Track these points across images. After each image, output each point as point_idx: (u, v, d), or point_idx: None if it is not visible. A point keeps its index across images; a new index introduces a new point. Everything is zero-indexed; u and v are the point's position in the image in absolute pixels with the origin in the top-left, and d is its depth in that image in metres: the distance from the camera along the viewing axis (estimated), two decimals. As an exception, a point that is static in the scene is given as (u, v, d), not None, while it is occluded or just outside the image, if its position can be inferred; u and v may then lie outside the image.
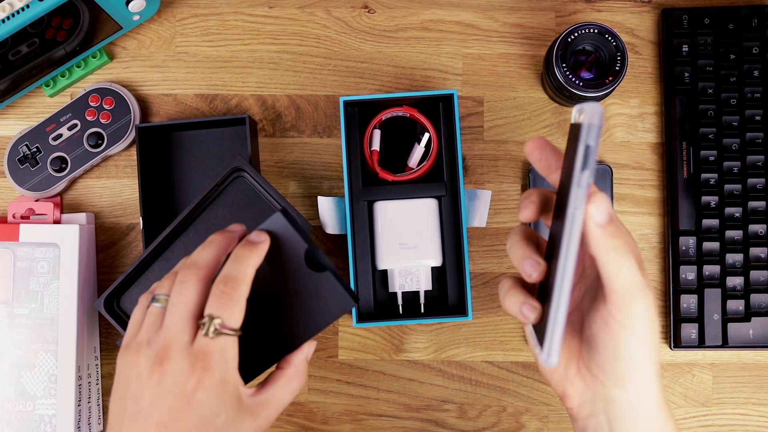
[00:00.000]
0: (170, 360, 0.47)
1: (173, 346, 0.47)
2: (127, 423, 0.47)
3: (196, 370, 0.46)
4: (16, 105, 0.74)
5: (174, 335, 0.47)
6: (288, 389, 0.51)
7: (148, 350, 0.48)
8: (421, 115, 0.70)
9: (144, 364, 0.47)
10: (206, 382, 0.46)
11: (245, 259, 0.49)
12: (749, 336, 0.70)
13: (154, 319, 0.49)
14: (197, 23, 0.74)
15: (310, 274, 0.52)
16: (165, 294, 0.50)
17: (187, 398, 0.46)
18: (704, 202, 0.70)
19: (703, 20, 0.71)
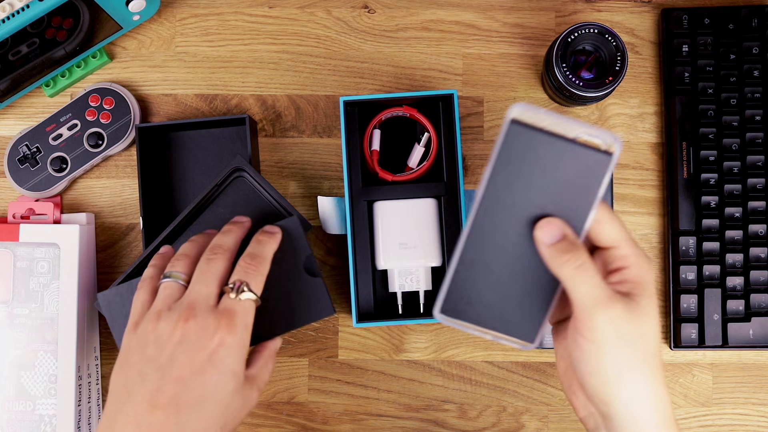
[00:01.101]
0: (195, 318, 0.49)
1: (199, 306, 0.50)
2: (138, 385, 0.47)
3: (221, 327, 0.49)
4: (16, 105, 0.74)
5: (200, 297, 0.50)
6: (268, 366, 0.55)
7: (170, 314, 0.50)
8: (421, 115, 0.70)
9: (164, 327, 0.49)
10: (228, 340, 0.49)
11: (266, 243, 0.56)
12: (749, 336, 0.70)
13: (171, 292, 0.52)
14: (197, 23, 0.74)
15: (304, 276, 0.60)
16: (180, 271, 0.54)
17: (210, 353, 0.48)
18: (704, 202, 0.70)
19: (703, 20, 0.71)
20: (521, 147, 0.43)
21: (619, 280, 0.47)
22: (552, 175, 0.45)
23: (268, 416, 0.72)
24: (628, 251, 0.47)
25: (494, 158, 0.44)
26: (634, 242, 0.47)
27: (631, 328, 0.45)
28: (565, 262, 0.45)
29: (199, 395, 0.47)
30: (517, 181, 0.45)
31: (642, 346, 0.45)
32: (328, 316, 0.61)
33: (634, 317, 0.45)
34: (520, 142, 0.43)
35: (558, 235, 0.45)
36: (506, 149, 0.43)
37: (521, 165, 0.44)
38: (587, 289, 0.45)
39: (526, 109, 0.43)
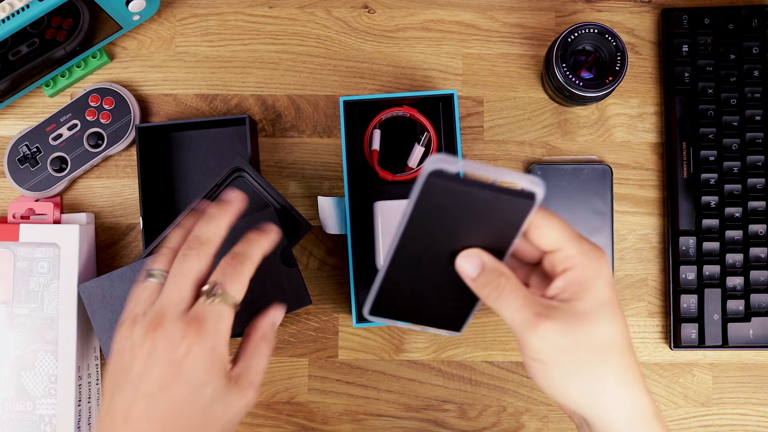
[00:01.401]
0: (163, 327, 0.46)
1: (168, 314, 0.47)
2: (117, 393, 0.46)
3: (188, 336, 0.46)
4: (16, 105, 0.74)
5: (170, 303, 0.47)
6: (259, 354, 0.50)
7: (143, 320, 0.47)
8: (421, 115, 0.70)
9: (137, 335, 0.47)
10: (195, 350, 0.46)
11: (256, 243, 0.51)
12: (749, 336, 0.70)
13: (150, 293, 0.49)
14: (197, 23, 0.74)
15: (281, 267, 0.61)
16: (161, 269, 0.50)
17: (177, 365, 0.46)
18: (704, 202, 0.70)
19: (703, 20, 0.71)
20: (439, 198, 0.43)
21: (562, 285, 0.46)
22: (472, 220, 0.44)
23: (268, 416, 0.72)
24: (571, 251, 0.45)
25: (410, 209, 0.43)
26: (579, 239, 0.46)
27: (567, 337, 0.44)
28: (487, 294, 0.45)
29: (171, 410, 0.45)
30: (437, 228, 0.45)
31: (584, 352, 0.45)
32: (305, 306, 0.62)
33: (571, 325, 0.44)
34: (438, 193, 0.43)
35: (478, 266, 0.45)
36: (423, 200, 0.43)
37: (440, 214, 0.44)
38: (512, 314, 0.45)
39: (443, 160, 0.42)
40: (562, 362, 0.45)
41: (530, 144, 0.73)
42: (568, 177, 0.71)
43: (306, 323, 0.72)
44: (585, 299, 0.45)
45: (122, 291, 0.67)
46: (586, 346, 0.44)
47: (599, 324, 0.45)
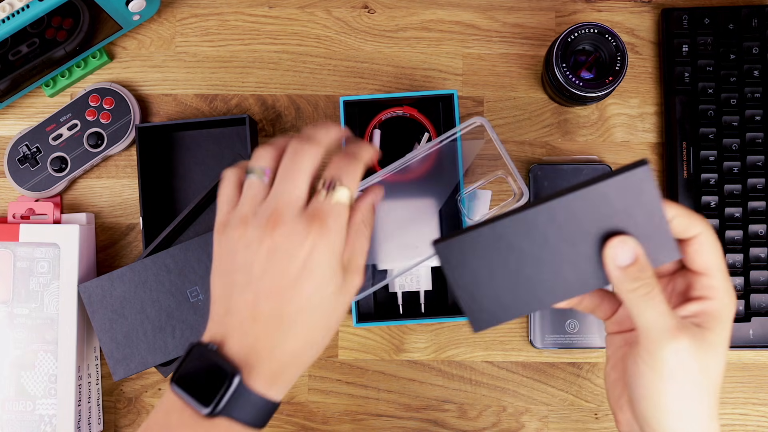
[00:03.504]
0: (284, 224, 0.45)
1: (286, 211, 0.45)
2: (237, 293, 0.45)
3: (312, 232, 0.44)
4: (16, 105, 0.74)
5: (287, 200, 0.45)
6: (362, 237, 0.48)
7: (255, 220, 0.45)
8: (421, 115, 0.70)
9: (251, 233, 0.45)
10: (320, 247, 0.44)
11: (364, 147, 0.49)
12: (749, 336, 0.70)
13: (256, 192, 0.47)
14: (197, 23, 0.74)
15: None
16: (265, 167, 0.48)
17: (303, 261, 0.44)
18: (704, 202, 0.70)
19: (703, 20, 0.71)
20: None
21: (697, 310, 0.45)
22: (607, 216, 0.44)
23: (268, 416, 0.72)
24: (718, 283, 0.45)
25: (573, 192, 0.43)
26: (727, 275, 0.46)
27: (696, 361, 0.44)
28: (634, 289, 0.44)
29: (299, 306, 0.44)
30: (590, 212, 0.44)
31: (703, 381, 0.44)
32: None
33: (701, 351, 0.44)
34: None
35: (630, 258, 0.44)
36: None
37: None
38: (654, 317, 0.44)
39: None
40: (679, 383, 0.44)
41: (530, 144, 0.73)
42: (568, 177, 0.71)
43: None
44: (716, 332, 0.45)
45: (122, 291, 0.67)
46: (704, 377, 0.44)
47: (718, 360, 0.45)
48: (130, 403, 0.72)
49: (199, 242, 0.67)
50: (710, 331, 0.45)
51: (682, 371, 0.44)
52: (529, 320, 0.72)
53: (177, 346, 0.67)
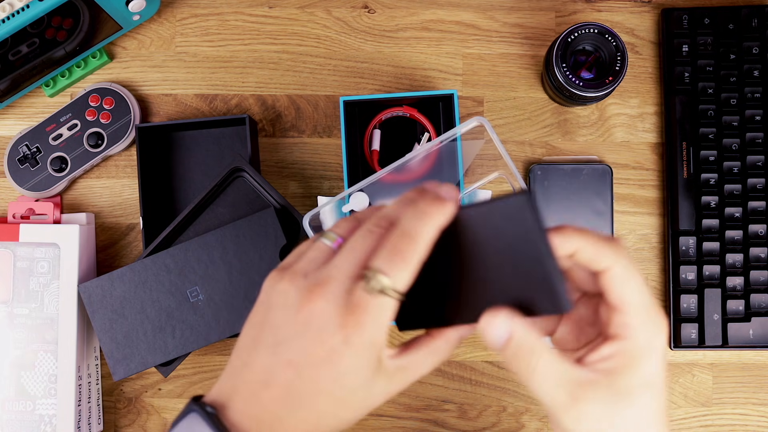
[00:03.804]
0: (325, 300, 0.42)
1: (331, 287, 0.42)
2: (261, 349, 0.43)
3: (348, 324, 0.41)
4: (16, 105, 0.74)
5: (337, 276, 0.42)
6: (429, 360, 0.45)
7: (303, 281, 0.43)
8: (421, 115, 0.70)
9: (293, 295, 0.43)
10: (354, 341, 0.41)
11: (428, 217, 0.42)
12: (749, 336, 0.70)
13: (317, 255, 0.44)
14: (197, 23, 0.74)
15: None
16: (340, 234, 0.45)
17: (330, 350, 0.42)
18: (704, 202, 0.70)
19: (703, 20, 0.71)
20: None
21: (610, 352, 0.42)
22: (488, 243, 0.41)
23: (268, 416, 0.72)
24: (632, 321, 0.41)
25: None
26: (647, 309, 0.42)
27: (603, 422, 0.41)
28: (516, 371, 0.42)
29: (313, 389, 0.42)
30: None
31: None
32: None
33: (608, 407, 0.41)
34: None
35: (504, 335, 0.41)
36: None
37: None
38: (545, 394, 0.41)
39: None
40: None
41: (530, 144, 0.73)
42: (568, 177, 0.71)
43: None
44: (629, 376, 0.41)
45: (122, 291, 0.67)
46: (624, 429, 0.41)
47: (639, 404, 0.41)
48: (130, 403, 0.72)
49: (199, 242, 0.67)
50: (622, 377, 0.41)
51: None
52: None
53: (177, 346, 0.67)
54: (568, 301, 0.39)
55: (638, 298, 0.42)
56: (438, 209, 0.42)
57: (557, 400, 0.41)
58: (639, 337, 0.41)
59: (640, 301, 0.42)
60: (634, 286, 0.42)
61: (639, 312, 0.41)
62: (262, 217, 0.66)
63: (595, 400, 0.41)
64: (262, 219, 0.66)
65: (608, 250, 0.41)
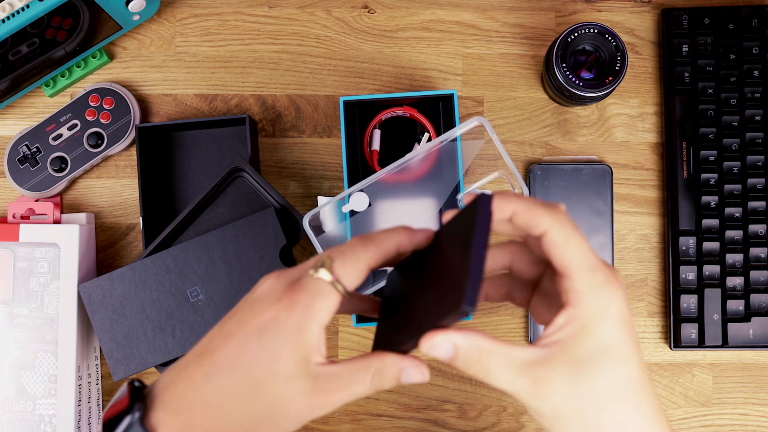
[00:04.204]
0: (274, 278, 0.43)
1: (288, 271, 0.44)
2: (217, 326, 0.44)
3: (282, 299, 0.42)
4: (16, 105, 0.74)
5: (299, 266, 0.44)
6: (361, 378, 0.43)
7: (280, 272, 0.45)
8: (421, 115, 0.70)
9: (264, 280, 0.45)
10: (282, 317, 0.42)
11: (394, 233, 0.44)
12: (749, 336, 0.70)
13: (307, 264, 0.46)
14: (197, 23, 0.74)
15: (280, 266, 0.63)
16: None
17: (261, 324, 0.42)
18: (704, 202, 0.70)
19: (703, 20, 0.71)
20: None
21: (563, 321, 0.40)
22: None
23: (268, 416, 0.72)
24: (578, 285, 0.40)
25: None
26: (594, 269, 0.40)
27: (570, 397, 0.40)
28: (474, 374, 0.41)
29: (234, 358, 0.42)
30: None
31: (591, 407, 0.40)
32: None
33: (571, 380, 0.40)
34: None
35: (449, 353, 0.40)
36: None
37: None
38: (507, 387, 0.41)
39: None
40: (571, 420, 0.40)
41: (530, 144, 0.73)
42: (568, 177, 0.71)
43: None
44: (584, 343, 0.40)
45: (122, 291, 0.67)
46: (591, 400, 0.40)
47: (601, 371, 0.40)
48: (130, 403, 0.72)
49: (199, 242, 0.67)
50: (575, 346, 0.40)
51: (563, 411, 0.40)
52: (530, 320, 0.72)
53: (177, 346, 0.67)
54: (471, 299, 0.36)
55: (580, 260, 0.40)
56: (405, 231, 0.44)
57: (521, 388, 0.40)
58: (587, 302, 0.40)
59: (583, 263, 0.40)
60: (574, 247, 0.40)
61: (584, 275, 0.40)
62: (262, 217, 0.66)
63: (555, 376, 0.40)
64: (262, 219, 0.66)
65: (544, 213, 0.40)
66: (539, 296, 0.46)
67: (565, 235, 0.40)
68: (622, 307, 0.41)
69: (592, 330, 0.40)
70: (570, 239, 0.40)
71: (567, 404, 0.40)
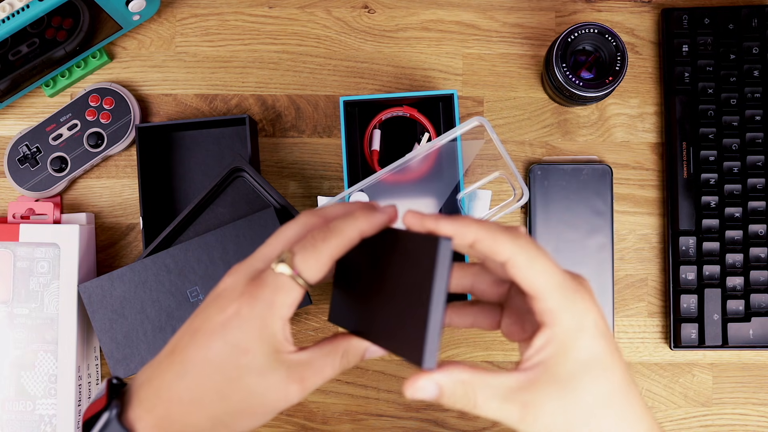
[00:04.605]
0: (235, 273, 0.44)
1: (247, 263, 0.44)
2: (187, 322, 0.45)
3: (244, 295, 0.42)
4: (16, 105, 0.74)
5: (256, 256, 0.44)
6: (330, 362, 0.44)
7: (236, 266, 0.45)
8: (421, 115, 0.70)
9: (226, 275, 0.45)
10: (244, 312, 0.42)
11: (353, 219, 0.43)
12: (749, 336, 0.70)
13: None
14: (197, 23, 0.74)
15: None
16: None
17: (224, 319, 0.42)
18: (704, 202, 0.70)
19: (703, 20, 0.71)
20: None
21: (540, 344, 0.41)
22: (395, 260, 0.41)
23: (268, 416, 0.72)
24: (550, 304, 0.40)
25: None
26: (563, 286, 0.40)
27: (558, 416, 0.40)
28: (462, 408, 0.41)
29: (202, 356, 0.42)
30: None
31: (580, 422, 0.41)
32: (305, 306, 0.61)
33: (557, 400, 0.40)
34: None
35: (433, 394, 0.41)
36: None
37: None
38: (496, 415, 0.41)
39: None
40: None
41: (530, 144, 0.73)
42: (568, 177, 0.71)
43: (306, 323, 0.72)
44: (565, 362, 0.40)
45: (122, 291, 0.67)
46: (579, 415, 0.40)
47: (585, 386, 0.40)
48: (130, 403, 0.72)
49: (199, 242, 0.67)
50: (557, 365, 0.40)
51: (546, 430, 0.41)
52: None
53: (177, 346, 0.67)
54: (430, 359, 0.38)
55: (548, 281, 0.40)
56: (366, 216, 0.43)
57: (510, 415, 0.41)
58: (563, 320, 0.40)
59: (552, 283, 0.40)
60: (540, 269, 0.40)
61: (554, 294, 0.40)
62: (262, 217, 0.66)
63: (543, 399, 0.40)
64: (262, 219, 0.66)
65: (505, 239, 0.40)
66: (509, 316, 0.46)
67: (528, 259, 0.40)
68: (596, 319, 0.41)
69: (571, 347, 0.40)
70: (534, 262, 0.40)
71: (555, 424, 0.40)
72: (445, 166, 0.70)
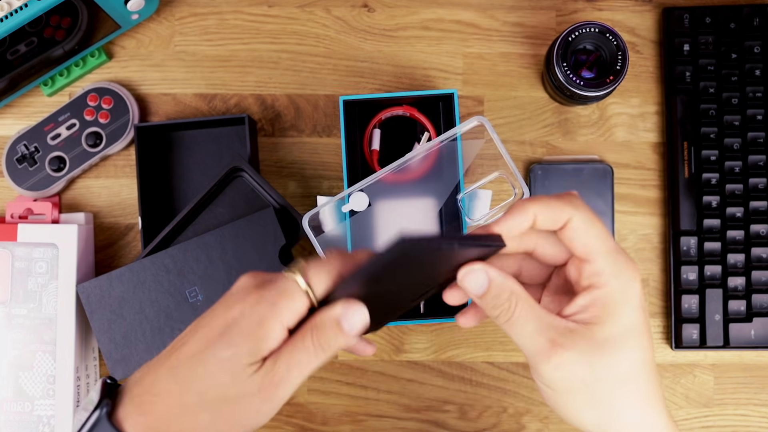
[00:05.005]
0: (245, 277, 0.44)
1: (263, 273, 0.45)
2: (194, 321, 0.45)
3: (250, 298, 0.42)
4: (15, 104, 0.74)
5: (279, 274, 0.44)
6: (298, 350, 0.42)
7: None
8: (421, 114, 0.70)
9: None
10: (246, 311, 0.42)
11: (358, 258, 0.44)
12: (751, 336, 0.69)
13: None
14: (196, 22, 0.74)
15: (280, 267, 0.62)
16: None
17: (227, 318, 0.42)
18: (705, 202, 0.70)
19: (705, 19, 0.71)
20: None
21: (585, 303, 0.42)
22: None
23: (267, 417, 0.72)
24: (601, 268, 0.41)
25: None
26: (615, 254, 0.42)
27: (585, 369, 0.41)
28: (497, 316, 0.42)
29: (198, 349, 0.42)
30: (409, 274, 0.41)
31: (604, 384, 0.41)
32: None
33: (589, 355, 0.41)
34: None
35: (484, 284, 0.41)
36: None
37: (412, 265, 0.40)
38: (523, 341, 0.42)
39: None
40: (579, 394, 0.42)
41: (531, 144, 0.73)
42: (568, 177, 0.71)
43: (305, 324, 0.72)
44: (608, 325, 0.41)
45: (121, 291, 0.67)
46: (606, 378, 0.41)
47: (621, 353, 0.41)
48: (128, 403, 0.72)
49: (198, 242, 0.66)
50: (601, 326, 0.41)
51: (573, 383, 0.41)
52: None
53: (176, 347, 0.67)
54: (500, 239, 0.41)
55: (602, 245, 0.42)
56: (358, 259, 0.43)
57: (537, 346, 0.41)
58: (612, 285, 0.41)
59: (606, 248, 0.42)
60: (597, 232, 0.42)
61: (607, 259, 0.42)
62: (261, 217, 0.66)
63: (574, 348, 0.41)
64: (261, 219, 0.66)
65: (563, 204, 0.42)
66: (548, 295, 0.47)
67: (586, 222, 0.42)
68: (640, 293, 0.42)
69: (615, 312, 0.41)
70: (591, 225, 0.42)
71: (579, 376, 0.41)
72: (445, 165, 0.70)
